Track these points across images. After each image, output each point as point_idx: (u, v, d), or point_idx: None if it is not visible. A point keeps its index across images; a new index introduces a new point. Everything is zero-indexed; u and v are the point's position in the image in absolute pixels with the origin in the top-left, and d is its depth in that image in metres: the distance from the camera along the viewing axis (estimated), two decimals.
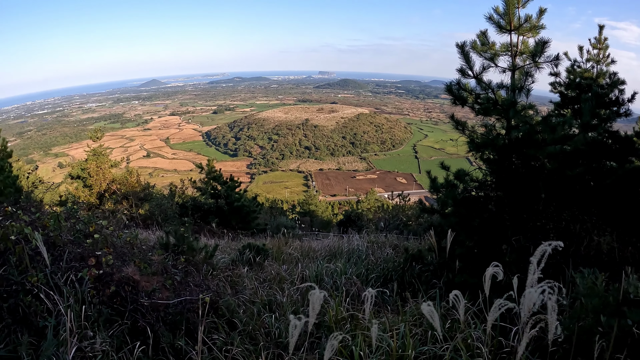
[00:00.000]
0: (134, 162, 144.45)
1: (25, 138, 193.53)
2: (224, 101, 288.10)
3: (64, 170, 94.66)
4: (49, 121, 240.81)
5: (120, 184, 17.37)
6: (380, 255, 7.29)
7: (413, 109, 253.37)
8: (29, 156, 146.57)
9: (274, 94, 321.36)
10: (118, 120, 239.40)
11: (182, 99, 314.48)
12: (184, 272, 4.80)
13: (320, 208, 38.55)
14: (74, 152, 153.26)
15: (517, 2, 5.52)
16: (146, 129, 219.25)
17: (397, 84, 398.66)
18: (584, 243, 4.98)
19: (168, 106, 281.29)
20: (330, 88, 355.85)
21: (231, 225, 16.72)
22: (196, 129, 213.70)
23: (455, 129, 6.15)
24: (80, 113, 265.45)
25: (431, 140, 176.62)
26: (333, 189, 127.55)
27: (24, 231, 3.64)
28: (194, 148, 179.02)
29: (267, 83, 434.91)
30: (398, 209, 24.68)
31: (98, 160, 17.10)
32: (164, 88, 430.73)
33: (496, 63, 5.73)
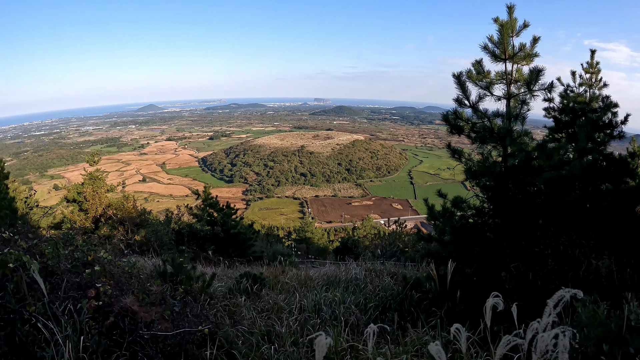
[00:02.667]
0: (130, 186, 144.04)
1: (22, 159, 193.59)
2: (221, 127, 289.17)
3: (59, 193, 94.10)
4: (45, 142, 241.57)
5: (116, 209, 17.28)
6: (378, 283, 7.24)
7: (408, 135, 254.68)
8: (24, 177, 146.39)
9: (270, 120, 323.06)
10: (115, 144, 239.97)
11: (179, 124, 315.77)
12: (182, 303, 4.75)
13: (317, 235, 38.40)
14: (70, 175, 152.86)
15: (511, 31, 5.63)
16: (143, 153, 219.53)
17: (392, 111, 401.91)
18: (583, 267, 4.98)
19: (165, 131, 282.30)
20: (325, 115, 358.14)
21: (227, 253, 16.64)
22: (192, 155, 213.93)
23: (452, 157, 6.20)
24: (77, 135, 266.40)
25: (426, 166, 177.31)
26: (329, 215, 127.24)
27: (22, 259, 3.62)
28: (190, 174, 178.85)
29: (263, 110, 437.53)
30: (395, 236, 24.60)
31: (94, 185, 17.03)
32: (161, 113, 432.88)
33: (492, 91, 5.81)
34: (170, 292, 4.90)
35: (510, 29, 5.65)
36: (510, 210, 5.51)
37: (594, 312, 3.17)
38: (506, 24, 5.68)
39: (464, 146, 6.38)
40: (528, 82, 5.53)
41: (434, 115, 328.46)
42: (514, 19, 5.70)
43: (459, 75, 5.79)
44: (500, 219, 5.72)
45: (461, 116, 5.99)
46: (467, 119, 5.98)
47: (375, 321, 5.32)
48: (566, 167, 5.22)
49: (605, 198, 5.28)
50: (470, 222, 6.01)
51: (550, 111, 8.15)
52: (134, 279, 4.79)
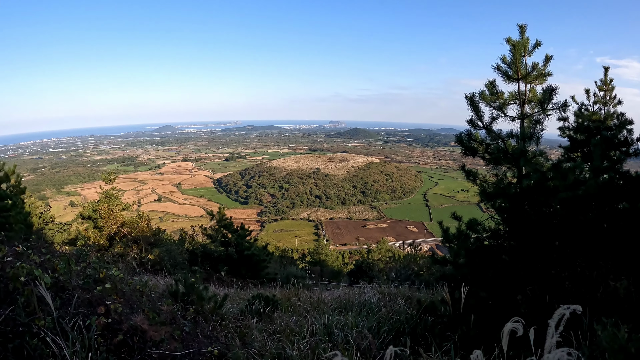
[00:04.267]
0: (145, 205, 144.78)
1: (39, 174, 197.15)
2: (236, 149, 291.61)
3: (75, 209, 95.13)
4: (63, 159, 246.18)
5: (130, 227, 17.35)
6: (392, 307, 7.14)
7: (423, 157, 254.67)
8: (41, 192, 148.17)
9: (285, 142, 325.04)
10: (131, 164, 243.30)
11: (195, 145, 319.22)
12: (193, 323, 4.72)
13: (331, 257, 38.20)
14: (86, 192, 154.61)
15: (523, 51, 5.60)
16: (158, 173, 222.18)
17: (407, 133, 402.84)
18: (600, 289, 4.86)
19: (181, 152, 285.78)
20: (340, 137, 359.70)
21: (240, 274, 16.58)
22: (208, 176, 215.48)
23: (467, 179, 6.14)
24: (95, 154, 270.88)
25: (442, 188, 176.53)
26: (343, 238, 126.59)
27: (34, 273, 3.62)
28: (205, 194, 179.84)
29: (279, 132, 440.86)
30: (409, 259, 24.40)
31: (110, 203, 17.15)
32: (177, 134, 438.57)
33: (505, 112, 5.77)
34: (181, 312, 4.87)
35: (522, 49, 5.62)
36: (526, 231, 5.41)
37: (614, 335, 3.08)
38: (518, 43, 5.65)
39: (479, 167, 6.33)
40: (541, 101, 5.49)
41: (448, 137, 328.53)
42: (526, 38, 5.68)
43: (472, 97, 5.76)
44: (516, 241, 5.62)
45: (475, 138, 5.95)
46: (481, 140, 5.93)
47: (388, 345, 5.23)
48: (582, 187, 5.14)
49: (622, 217, 5.18)
50: (486, 245, 5.93)
51: (564, 130, 8.08)
52: (145, 298, 4.76)
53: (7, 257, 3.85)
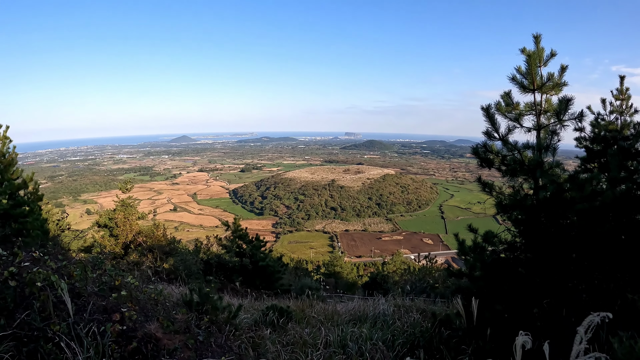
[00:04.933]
0: (161, 215, 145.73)
1: (56, 182, 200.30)
2: (252, 160, 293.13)
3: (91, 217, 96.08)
4: (80, 168, 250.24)
5: (146, 236, 17.46)
6: (406, 319, 7.08)
7: (439, 169, 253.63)
8: (58, 200, 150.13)
9: (301, 154, 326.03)
10: (148, 173, 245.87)
11: (211, 156, 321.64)
12: (206, 332, 4.72)
13: (346, 269, 38.08)
14: (103, 201, 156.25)
15: (538, 61, 5.57)
16: (174, 183, 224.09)
17: (423, 145, 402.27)
18: (618, 302, 4.77)
19: (197, 162, 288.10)
20: (356, 149, 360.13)
21: (255, 285, 16.56)
22: (223, 186, 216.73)
23: (483, 191, 6.10)
24: (112, 163, 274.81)
25: (457, 200, 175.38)
26: (358, 250, 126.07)
27: (50, 278, 3.65)
28: (221, 205, 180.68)
29: (295, 143, 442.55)
30: (425, 271, 24.21)
31: (126, 211, 17.29)
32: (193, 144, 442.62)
33: (521, 123, 5.73)
34: (195, 321, 4.88)
35: (537, 59, 5.59)
36: (542, 244, 5.35)
37: (631, 348, 3.02)
38: (533, 54, 5.62)
39: (495, 179, 6.28)
40: (557, 112, 5.44)
41: (464, 148, 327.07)
42: (541, 48, 5.64)
43: (488, 108, 5.74)
44: (532, 254, 5.56)
45: (491, 149, 5.92)
46: (497, 151, 5.90)
47: (402, 358, 5.19)
48: (599, 198, 5.07)
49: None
50: (502, 257, 5.86)
51: (581, 141, 8.00)
52: (159, 306, 4.79)
53: (24, 262, 3.90)
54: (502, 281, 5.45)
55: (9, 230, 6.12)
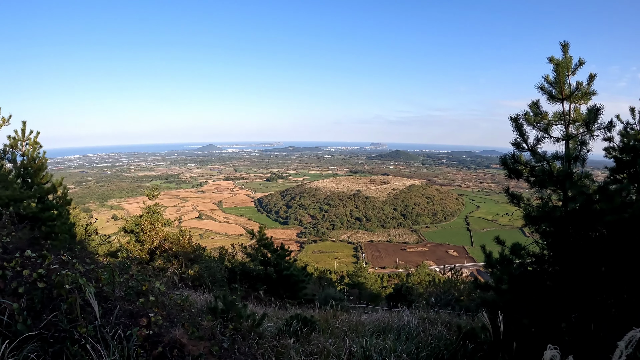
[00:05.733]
0: (186, 222, 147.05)
1: (84, 187, 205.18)
2: (277, 169, 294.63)
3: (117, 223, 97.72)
4: (107, 174, 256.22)
5: (172, 242, 17.65)
6: (431, 332, 6.99)
7: (465, 179, 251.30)
8: (85, 205, 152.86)
9: (326, 164, 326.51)
10: (174, 181, 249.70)
11: (237, 165, 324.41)
12: (231, 340, 4.74)
13: (370, 280, 37.88)
14: (129, 207, 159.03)
15: (567, 70, 5.49)
16: (200, 191, 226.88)
17: (448, 155, 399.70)
18: None
19: (223, 171, 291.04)
20: (382, 159, 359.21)
21: (279, 294, 16.56)
22: (249, 195, 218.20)
23: (511, 202, 6.02)
24: (139, 170, 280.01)
25: (483, 212, 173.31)
26: (383, 261, 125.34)
27: (79, 281, 3.71)
28: (246, 213, 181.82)
29: (320, 153, 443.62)
30: (450, 284, 23.94)
31: (152, 218, 17.52)
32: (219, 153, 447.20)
33: (550, 133, 5.66)
34: (220, 329, 4.90)
35: (565, 68, 5.52)
36: (571, 257, 5.24)
37: None
38: (561, 62, 5.55)
39: (522, 190, 6.20)
40: (586, 121, 5.36)
41: (490, 159, 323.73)
42: (569, 57, 5.56)
43: (516, 118, 5.68)
44: (560, 267, 5.45)
45: (519, 160, 5.85)
46: (526, 162, 5.82)
47: None
48: (629, 210, 4.94)
49: None
50: (529, 270, 5.76)
51: (610, 151, 7.82)
52: (185, 312, 4.82)
53: (52, 264, 3.96)
54: (529, 294, 5.35)
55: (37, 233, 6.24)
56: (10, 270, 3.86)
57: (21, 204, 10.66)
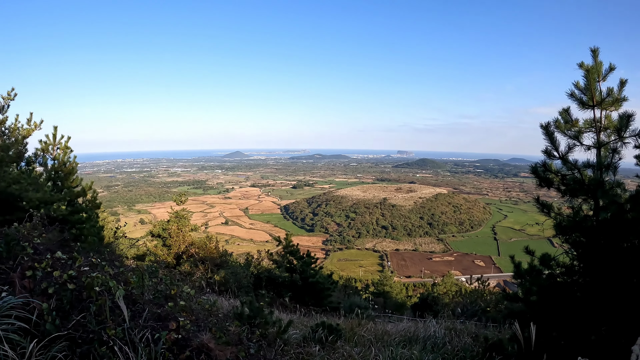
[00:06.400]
0: (212, 227, 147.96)
1: (112, 191, 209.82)
2: (304, 177, 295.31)
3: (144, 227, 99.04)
4: (136, 179, 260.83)
5: (198, 247, 17.82)
6: (457, 343, 6.92)
7: (492, 188, 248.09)
8: (113, 208, 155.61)
9: (353, 172, 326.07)
10: (201, 187, 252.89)
11: (264, 171, 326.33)
12: (257, 346, 4.75)
13: (395, 289, 37.61)
14: (156, 211, 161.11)
15: (597, 76, 5.41)
16: (227, 197, 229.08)
17: (476, 163, 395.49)
18: None
19: (249, 178, 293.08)
20: (408, 167, 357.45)
21: (304, 301, 16.56)
22: (275, 202, 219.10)
23: (541, 212, 5.94)
24: (166, 176, 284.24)
25: (511, 221, 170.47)
26: (408, 270, 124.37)
27: (109, 284, 3.77)
28: (272, 220, 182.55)
29: (347, 161, 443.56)
30: (476, 294, 23.62)
31: (179, 223, 17.73)
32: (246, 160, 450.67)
33: (581, 141, 5.57)
34: (247, 334, 4.92)
35: (596, 74, 5.43)
36: (602, 268, 5.12)
37: None
38: (592, 68, 5.46)
39: (551, 199, 6.10)
40: (618, 128, 5.25)
41: (519, 167, 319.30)
42: (599, 62, 5.47)
43: (547, 126, 5.60)
44: (591, 278, 5.33)
45: (550, 168, 5.76)
46: (557, 171, 5.73)
47: None
48: None
49: None
50: (559, 281, 5.66)
51: None
52: (212, 317, 4.86)
53: (83, 266, 4.03)
54: (559, 306, 5.25)
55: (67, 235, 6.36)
56: (41, 270, 3.94)
57: (51, 207, 10.88)
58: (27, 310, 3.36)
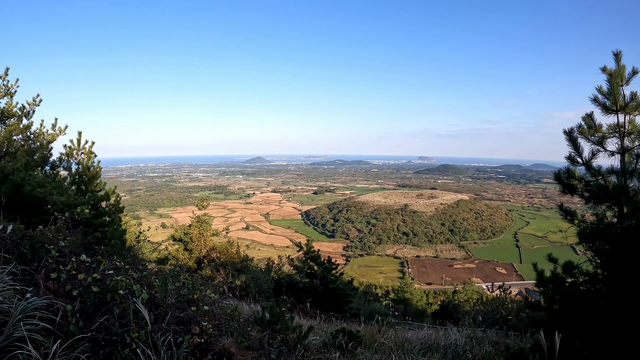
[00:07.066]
0: (233, 232, 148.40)
1: (134, 196, 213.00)
2: (325, 182, 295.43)
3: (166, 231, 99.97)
4: (157, 184, 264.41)
5: (220, 252, 17.93)
6: (478, 351, 6.85)
7: (514, 194, 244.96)
8: (135, 212, 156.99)
9: (374, 178, 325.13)
10: (222, 192, 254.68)
11: (285, 177, 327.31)
12: (278, 351, 4.77)
13: (415, 296, 37.38)
14: (178, 216, 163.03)
15: (620, 80, 5.33)
16: (248, 202, 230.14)
17: (498, 169, 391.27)
18: None
19: (270, 183, 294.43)
20: (430, 173, 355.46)
21: (324, 307, 16.55)
22: (296, 208, 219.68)
23: (564, 218, 5.86)
24: (188, 180, 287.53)
25: (533, 228, 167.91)
26: (429, 277, 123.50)
27: (132, 287, 3.82)
28: (292, 226, 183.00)
29: (368, 167, 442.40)
30: (498, 302, 23.36)
31: (201, 227, 17.87)
32: (267, 165, 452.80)
33: (604, 146, 5.50)
34: (268, 339, 4.95)
35: (619, 78, 5.35)
36: (626, 276, 5.03)
37: None
38: (614, 72, 5.38)
39: (574, 206, 6.02)
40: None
41: (541, 173, 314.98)
42: (622, 66, 5.39)
43: (570, 132, 5.54)
44: (615, 287, 5.24)
45: (574, 175, 5.69)
46: (580, 177, 5.66)
47: None
48: None
49: None
50: (582, 290, 5.57)
51: None
52: (234, 322, 4.89)
53: (107, 270, 4.09)
54: (581, 315, 5.17)
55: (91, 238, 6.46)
56: (66, 273, 4.01)
57: (75, 210, 11.06)
58: (50, 311, 3.42)
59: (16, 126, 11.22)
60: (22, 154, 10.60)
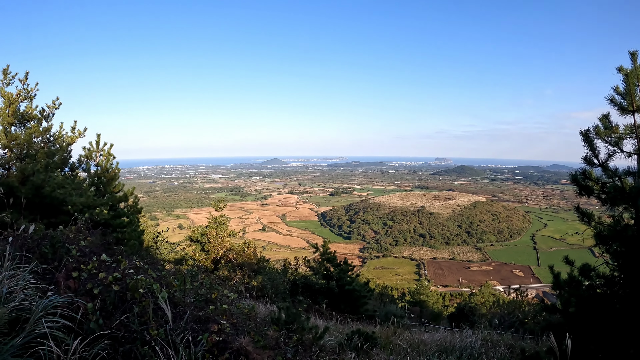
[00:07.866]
0: (250, 234, 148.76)
1: (152, 197, 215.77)
2: (341, 184, 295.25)
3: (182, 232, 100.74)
4: (175, 185, 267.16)
5: (236, 253, 18.04)
6: (493, 354, 6.84)
7: (532, 196, 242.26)
8: (152, 213, 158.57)
9: (390, 179, 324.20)
10: (239, 193, 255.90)
11: (301, 179, 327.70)
12: (294, 350, 4.81)
13: (432, 299, 37.26)
14: (194, 217, 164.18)
15: (637, 80, 5.28)
16: (264, 204, 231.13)
17: (515, 170, 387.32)
18: None
19: (287, 184, 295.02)
20: (446, 175, 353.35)
21: (340, 308, 16.56)
22: (312, 209, 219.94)
23: (581, 220, 5.82)
24: (205, 182, 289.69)
25: (551, 230, 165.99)
26: (445, 279, 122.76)
27: (152, 286, 3.90)
28: (309, 227, 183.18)
29: (384, 168, 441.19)
30: (514, 305, 23.19)
31: (218, 228, 18.00)
32: (284, 167, 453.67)
33: (621, 147, 5.45)
34: (284, 339, 4.99)
35: (635, 78, 5.29)
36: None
37: None
38: (631, 72, 5.33)
39: (592, 207, 5.98)
40: None
41: (559, 174, 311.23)
42: (638, 66, 5.34)
43: (587, 132, 5.50)
44: (631, 290, 5.19)
45: (590, 176, 5.65)
46: (597, 178, 5.62)
47: None
48: None
49: None
50: (598, 293, 5.53)
51: None
52: (251, 321, 4.94)
53: (127, 269, 4.18)
54: (597, 318, 5.13)
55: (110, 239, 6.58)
56: (86, 272, 4.11)
57: (94, 211, 11.23)
58: (71, 309, 3.51)
59: (36, 129, 11.42)
60: (42, 156, 10.79)
